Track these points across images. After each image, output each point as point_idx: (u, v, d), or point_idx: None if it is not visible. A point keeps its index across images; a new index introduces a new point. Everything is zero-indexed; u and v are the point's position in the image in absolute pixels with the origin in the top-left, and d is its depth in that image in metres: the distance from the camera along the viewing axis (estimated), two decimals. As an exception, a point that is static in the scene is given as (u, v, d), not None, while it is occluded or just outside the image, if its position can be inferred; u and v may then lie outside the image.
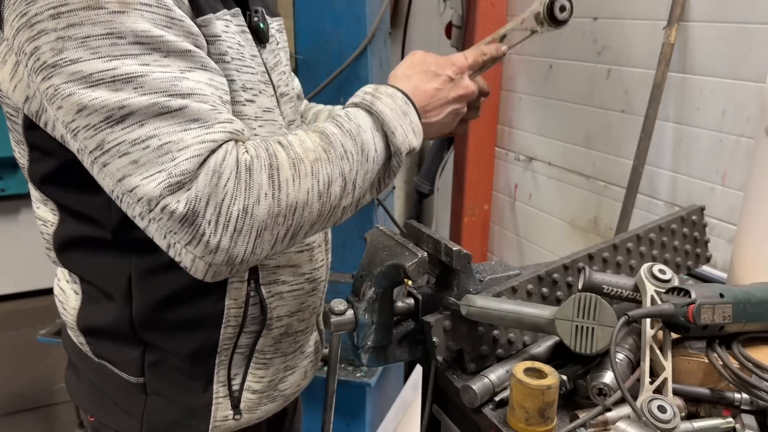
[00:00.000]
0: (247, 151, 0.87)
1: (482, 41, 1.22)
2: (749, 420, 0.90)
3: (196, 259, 0.84)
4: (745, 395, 0.92)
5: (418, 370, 2.20)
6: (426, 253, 1.05)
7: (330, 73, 1.97)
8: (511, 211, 2.92)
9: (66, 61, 0.79)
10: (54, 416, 2.98)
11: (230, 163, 0.84)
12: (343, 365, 2.23)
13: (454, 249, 1.05)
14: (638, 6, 2.11)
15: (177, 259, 0.86)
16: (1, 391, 2.90)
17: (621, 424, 0.85)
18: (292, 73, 1.25)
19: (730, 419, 0.91)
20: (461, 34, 2.80)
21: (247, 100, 0.99)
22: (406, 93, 1.03)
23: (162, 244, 0.86)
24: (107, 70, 0.79)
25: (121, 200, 0.85)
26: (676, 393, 0.92)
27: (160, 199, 0.80)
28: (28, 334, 2.86)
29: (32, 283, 3.86)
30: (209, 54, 0.92)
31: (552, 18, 1.17)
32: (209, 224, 0.82)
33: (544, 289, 1.12)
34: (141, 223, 0.85)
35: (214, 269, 0.86)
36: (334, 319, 1.07)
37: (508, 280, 1.12)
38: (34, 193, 1.04)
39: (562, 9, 1.16)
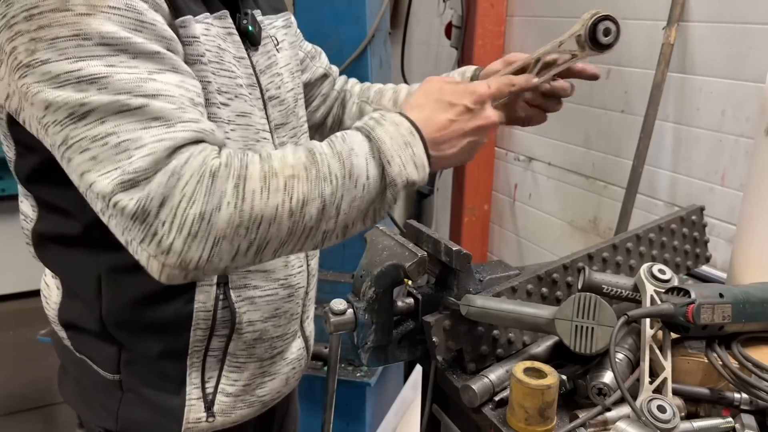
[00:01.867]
0: (218, 157, 0.85)
1: (512, 65, 1.13)
2: (749, 420, 0.90)
3: (150, 258, 0.83)
4: (744, 395, 0.92)
5: (418, 370, 2.20)
6: (426, 253, 1.05)
7: (330, 73, 1.97)
8: (510, 211, 2.92)
9: (37, 62, 0.81)
10: (54, 416, 2.98)
11: (193, 165, 0.82)
12: (343, 365, 2.23)
13: (453, 249, 1.05)
14: (638, 6, 2.11)
15: (135, 256, 0.85)
16: (1, 391, 2.90)
17: (621, 424, 0.85)
18: (294, 70, 1.23)
19: (730, 419, 0.91)
20: (461, 34, 2.81)
21: (221, 104, 0.99)
22: (415, 123, 0.95)
23: (121, 240, 0.85)
24: (73, 71, 0.80)
25: (86, 196, 0.86)
26: (675, 393, 0.92)
27: (112, 196, 0.81)
28: (28, 334, 2.86)
29: (32, 283, 3.83)
30: (186, 55, 0.93)
31: (595, 42, 1.05)
32: (162, 225, 0.81)
33: (544, 289, 1.12)
34: (104, 219, 0.85)
35: (168, 271, 0.84)
36: (334, 319, 1.07)
37: (508, 280, 1.12)
38: (20, 188, 1.06)
39: (607, 32, 1.04)
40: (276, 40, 1.16)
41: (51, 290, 1.11)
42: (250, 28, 1.06)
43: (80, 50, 0.81)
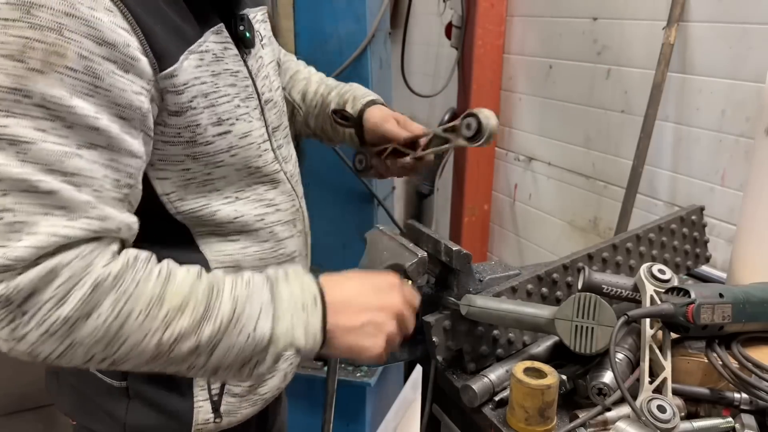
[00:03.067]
0: (109, 265, 0.81)
1: (407, 129, 1.28)
2: (749, 420, 0.90)
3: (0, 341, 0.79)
4: (744, 395, 0.92)
5: (418, 370, 2.20)
6: (426, 253, 1.05)
7: (330, 74, 1.95)
8: (510, 211, 2.92)
9: None
10: (54, 416, 2.98)
11: (75, 268, 0.78)
12: (343, 365, 2.23)
13: (454, 249, 1.05)
14: (638, 6, 2.11)
15: None
16: (1, 391, 2.90)
17: (620, 424, 0.85)
18: (276, 67, 1.23)
19: (730, 419, 0.91)
20: (461, 34, 2.80)
21: (222, 133, 0.98)
22: (323, 291, 0.92)
23: None
24: None
25: None
26: (675, 393, 0.92)
27: None
28: (28, 334, 2.85)
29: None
30: (174, 105, 0.89)
31: (463, 134, 1.16)
32: (23, 315, 0.77)
33: (544, 289, 1.12)
34: None
35: (15, 353, 0.80)
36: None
37: (508, 280, 1.12)
38: None
39: (468, 126, 1.14)
40: (260, 35, 1.15)
41: None
42: (248, 34, 1.05)
43: (15, 105, 0.75)
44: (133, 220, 0.87)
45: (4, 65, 0.74)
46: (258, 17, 1.17)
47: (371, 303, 0.95)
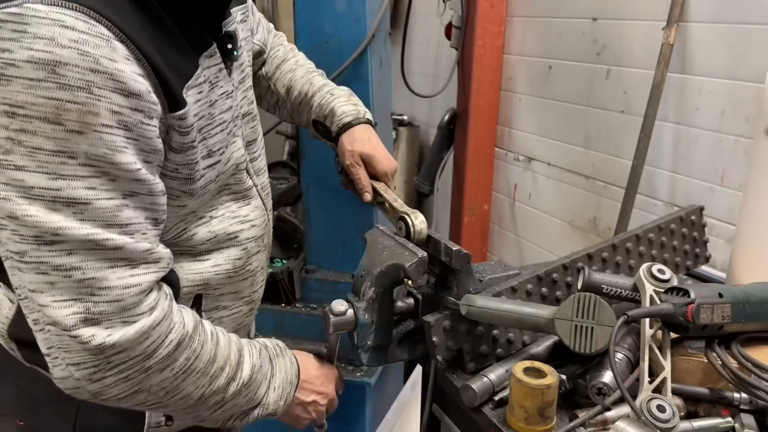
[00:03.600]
0: (186, 325, 0.91)
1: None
2: (748, 419, 0.90)
3: (69, 379, 0.85)
4: (744, 395, 0.92)
5: (418, 370, 2.20)
6: (426, 253, 1.05)
7: (330, 74, 1.96)
8: (510, 211, 2.92)
9: (10, 165, 0.75)
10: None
11: (163, 328, 0.87)
12: (343, 365, 2.23)
13: (453, 249, 1.05)
14: (638, 6, 2.12)
15: (51, 364, 0.86)
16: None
17: (620, 424, 0.85)
18: (250, 68, 1.21)
19: (729, 419, 0.91)
20: (461, 35, 2.81)
21: (209, 166, 0.98)
22: (300, 369, 1.12)
23: (43, 348, 0.85)
24: (50, 189, 0.76)
25: (27, 303, 0.84)
26: (675, 392, 0.92)
27: (74, 329, 0.80)
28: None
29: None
30: (179, 143, 0.90)
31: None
32: (108, 363, 0.83)
33: (544, 289, 1.12)
34: (30, 323, 0.85)
35: (78, 391, 0.86)
36: (334, 319, 1.07)
37: (508, 279, 1.12)
38: None
39: (400, 228, 1.17)
40: (240, 36, 1.12)
41: (1, 302, 1.05)
42: (235, 53, 1.04)
43: (62, 168, 0.76)
44: (170, 252, 0.92)
45: (42, 128, 0.75)
46: (238, 17, 1.14)
47: (320, 388, 1.15)
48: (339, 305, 1.07)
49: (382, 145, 1.39)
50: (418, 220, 1.14)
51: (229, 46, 1.03)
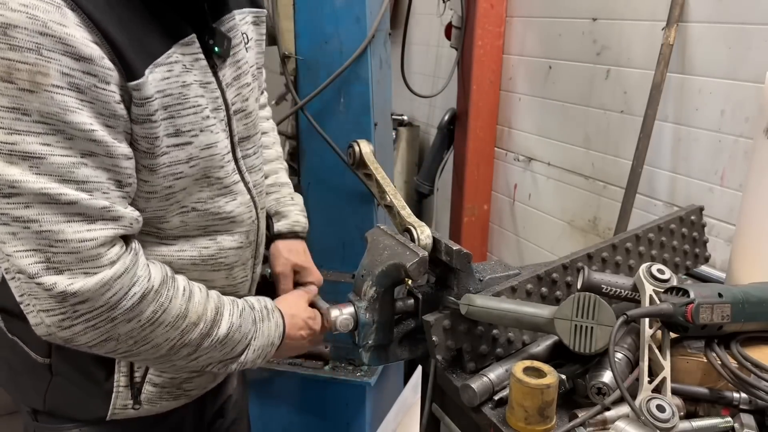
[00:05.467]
0: (150, 278, 0.95)
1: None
2: (748, 419, 0.90)
3: (42, 325, 0.90)
4: (743, 394, 0.92)
5: (419, 371, 2.20)
6: (426, 253, 1.06)
7: (330, 74, 1.96)
8: (510, 211, 2.92)
9: None
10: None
11: (125, 280, 0.91)
12: (343, 365, 2.23)
13: (454, 249, 1.05)
14: (638, 6, 2.12)
15: (25, 311, 0.91)
16: (2, 391, 2.90)
17: (620, 423, 0.85)
18: (259, 76, 1.23)
19: (729, 418, 0.91)
20: (461, 35, 2.81)
21: (183, 144, 0.99)
22: (285, 332, 1.17)
23: (17, 296, 0.91)
24: (6, 143, 0.81)
25: None
26: (674, 392, 0.93)
27: (36, 277, 0.85)
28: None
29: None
30: (136, 115, 0.92)
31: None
32: (74, 312, 0.88)
33: (544, 289, 1.12)
34: (6, 277, 0.91)
35: (51, 337, 0.92)
36: (334, 318, 1.07)
37: (508, 279, 1.12)
38: None
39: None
40: (246, 37, 1.14)
41: None
42: (217, 49, 1.05)
43: (17, 123, 0.80)
44: (137, 214, 0.95)
45: None
46: (248, 19, 1.16)
47: (306, 345, 1.21)
48: (340, 305, 1.07)
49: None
50: (423, 235, 1.13)
51: (211, 42, 1.04)
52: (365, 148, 1.43)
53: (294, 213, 1.44)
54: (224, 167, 1.08)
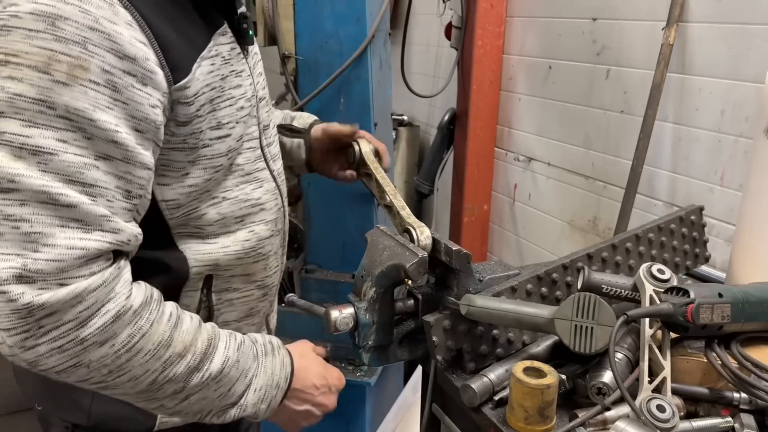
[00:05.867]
0: (130, 296, 0.86)
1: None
2: (748, 419, 0.90)
3: (3, 345, 0.81)
4: (743, 395, 0.92)
5: (419, 371, 2.20)
6: (426, 254, 1.06)
7: (330, 74, 1.96)
8: (510, 211, 2.92)
9: None
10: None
11: (99, 295, 0.82)
12: (343, 364, 2.23)
13: (453, 249, 1.05)
14: (637, 6, 2.12)
15: None
16: (2, 391, 2.90)
17: (620, 424, 0.85)
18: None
19: (729, 419, 0.91)
20: (461, 35, 2.81)
21: (218, 138, 0.99)
22: (294, 373, 1.07)
23: None
24: (21, 135, 0.77)
25: None
26: (675, 392, 0.93)
27: (4, 284, 0.77)
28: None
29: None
30: (182, 115, 0.91)
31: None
32: (39, 328, 0.79)
33: (544, 289, 1.12)
34: None
35: (15, 359, 0.82)
36: (334, 318, 1.07)
37: (508, 279, 1.12)
38: None
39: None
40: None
41: None
42: (251, 32, 1.07)
43: (39, 116, 0.77)
44: (138, 231, 0.89)
45: (30, 76, 0.76)
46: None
47: (317, 398, 1.11)
48: (340, 306, 1.07)
49: None
50: (423, 236, 1.12)
51: (245, 25, 1.05)
52: (365, 147, 1.44)
53: (302, 113, 1.54)
54: (253, 155, 1.09)
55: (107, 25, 0.80)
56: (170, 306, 0.94)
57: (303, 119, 1.52)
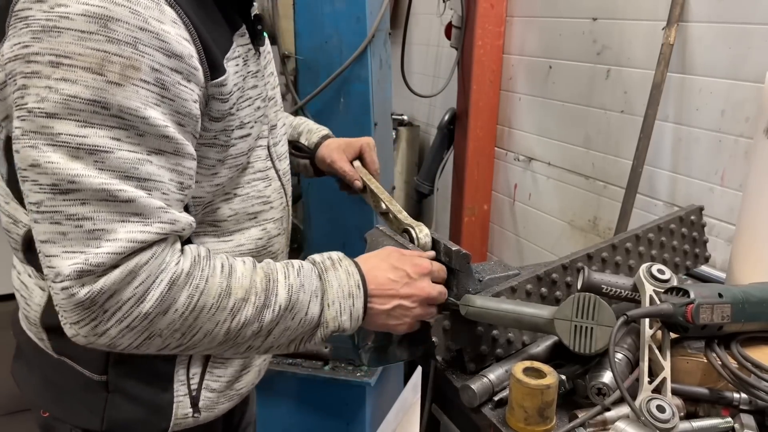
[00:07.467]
0: (180, 262, 0.88)
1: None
2: (748, 420, 0.90)
3: (78, 336, 0.85)
4: (743, 395, 0.92)
5: (419, 372, 2.20)
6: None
7: (330, 74, 1.97)
8: (510, 211, 2.92)
9: (42, 113, 0.78)
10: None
11: (152, 267, 0.84)
12: (343, 365, 2.23)
13: (453, 249, 1.05)
14: (638, 6, 2.11)
15: (62, 322, 0.86)
16: (2, 391, 2.90)
17: (620, 424, 0.85)
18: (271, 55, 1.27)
19: (729, 419, 0.91)
20: (461, 35, 2.81)
21: (244, 136, 1.02)
22: (365, 277, 1.01)
23: (56, 306, 0.85)
24: (77, 136, 0.79)
25: (39, 255, 0.84)
26: (675, 393, 0.93)
27: (66, 279, 0.80)
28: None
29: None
30: (217, 111, 0.94)
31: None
32: (104, 313, 0.82)
33: (543, 289, 1.12)
34: (48, 283, 0.85)
35: (93, 346, 0.86)
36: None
37: (508, 280, 1.12)
38: (9, 192, 1.01)
39: (404, 238, 1.15)
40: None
41: (31, 291, 1.08)
42: (265, 33, 1.09)
43: (93, 116, 0.79)
44: (192, 219, 0.92)
45: (84, 77, 0.78)
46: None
47: (401, 291, 1.02)
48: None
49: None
50: (422, 234, 1.13)
51: (259, 27, 1.07)
52: (356, 162, 1.47)
53: (311, 126, 1.52)
54: (263, 153, 1.11)
55: (156, 24, 0.82)
56: (220, 258, 0.95)
57: (310, 135, 1.51)
